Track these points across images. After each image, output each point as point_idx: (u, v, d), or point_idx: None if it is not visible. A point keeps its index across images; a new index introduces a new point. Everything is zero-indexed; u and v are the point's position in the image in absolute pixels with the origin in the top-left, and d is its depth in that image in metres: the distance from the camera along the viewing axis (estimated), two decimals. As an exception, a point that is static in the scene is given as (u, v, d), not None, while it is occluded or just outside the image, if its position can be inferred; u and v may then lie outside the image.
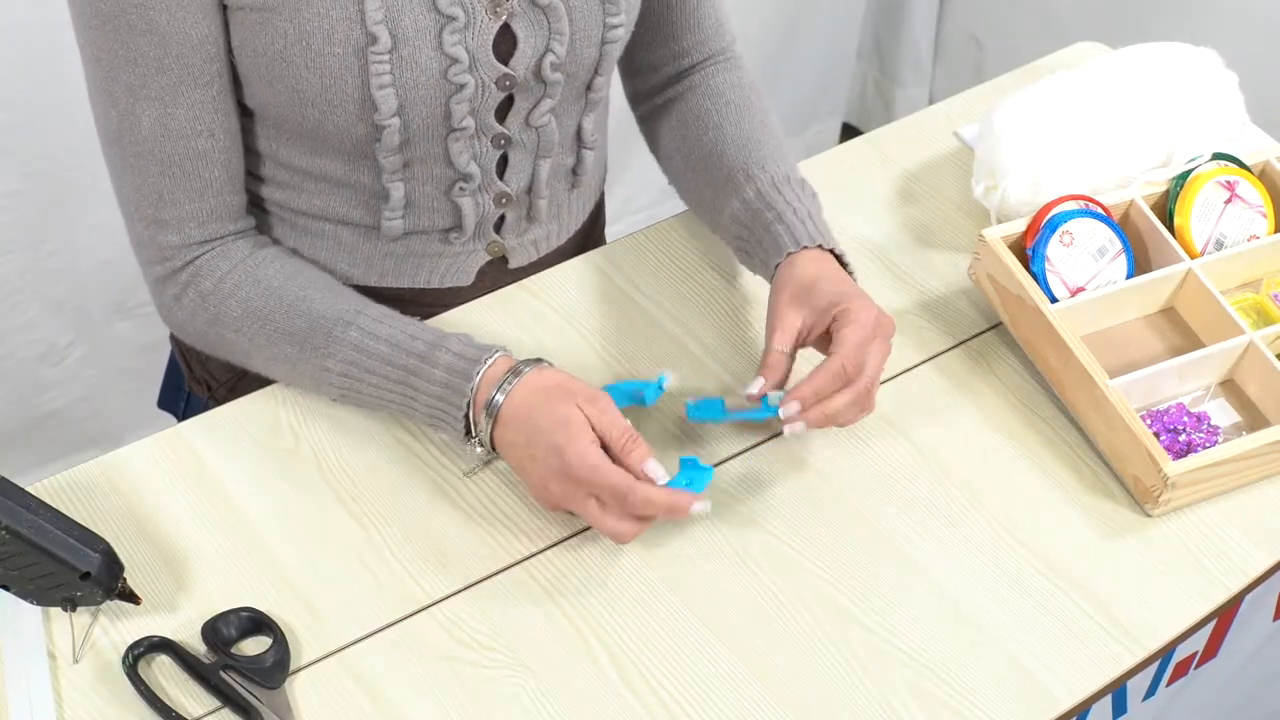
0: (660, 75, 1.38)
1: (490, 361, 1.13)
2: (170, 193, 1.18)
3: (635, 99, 1.42)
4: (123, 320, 2.07)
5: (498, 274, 1.35)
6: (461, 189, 1.25)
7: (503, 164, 1.27)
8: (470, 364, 1.13)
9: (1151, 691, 1.24)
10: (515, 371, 1.13)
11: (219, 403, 1.32)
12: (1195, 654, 1.26)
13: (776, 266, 1.22)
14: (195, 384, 1.46)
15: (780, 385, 1.18)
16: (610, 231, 1.55)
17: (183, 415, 1.50)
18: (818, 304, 1.17)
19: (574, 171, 1.34)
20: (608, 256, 1.38)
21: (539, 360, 1.15)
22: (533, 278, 1.36)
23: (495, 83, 1.19)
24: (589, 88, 1.27)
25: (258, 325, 1.19)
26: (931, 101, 2.46)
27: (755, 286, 1.35)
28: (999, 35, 2.67)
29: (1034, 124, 1.36)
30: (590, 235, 1.47)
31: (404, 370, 1.15)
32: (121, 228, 1.24)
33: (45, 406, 2.09)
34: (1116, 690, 1.15)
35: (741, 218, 1.26)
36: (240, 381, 1.38)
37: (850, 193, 1.46)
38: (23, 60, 1.76)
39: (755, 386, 1.17)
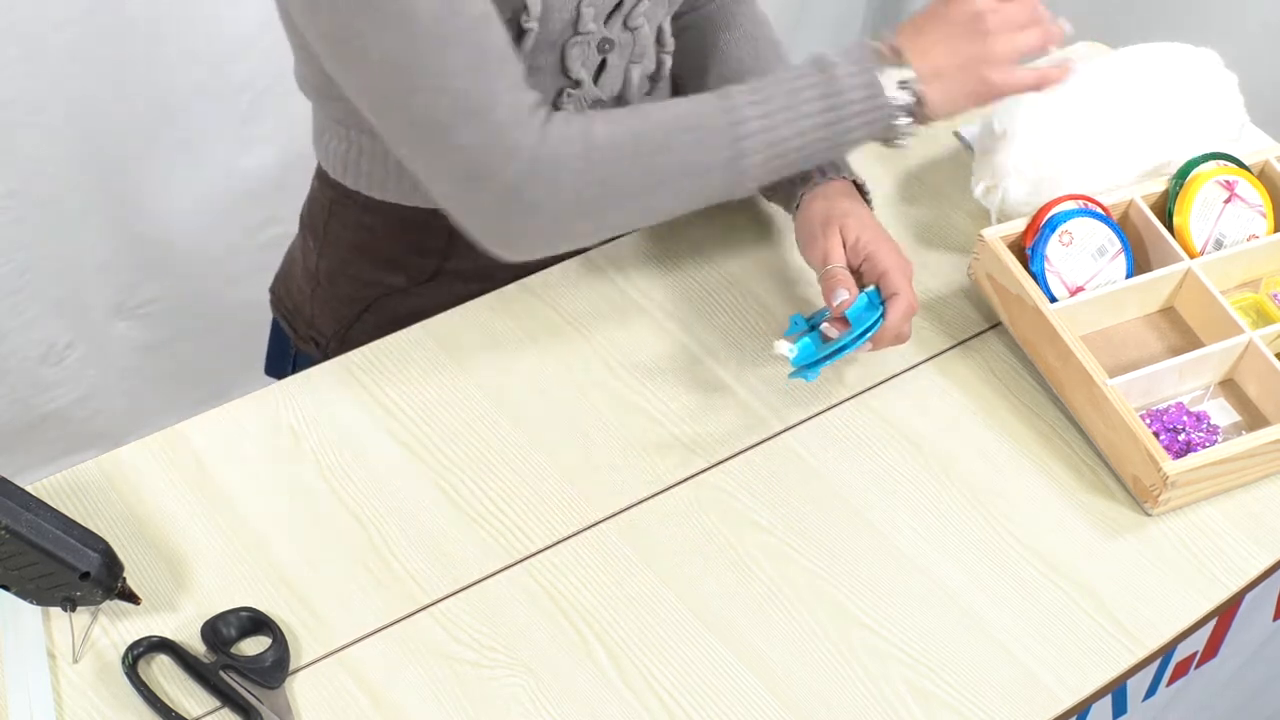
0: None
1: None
2: (504, 55, 1.12)
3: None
4: (123, 320, 2.07)
5: None
6: (569, 96, 1.26)
7: (599, 70, 1.28)
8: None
9: (1152, 691, 1.24)
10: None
11: (328, 356, 1.31)
12: (1195, 653, 1.26)
13: (802, 196, 1.26)
14: (302, 342, 1.47)
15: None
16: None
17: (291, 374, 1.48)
18: (849, 239, 1.22)
19: (652, 78, 1.35)
20: (608, 256, 1.38)
21: None
22: (533, 277, 1.36)
23: None
24: None
25: (642, 120, 1.17)
26: (931, 101, 2.45)
27: (756, 286, 1.35)
28: (999, 35, 2.66)
29: (1034, 124, 1.36)
30: None
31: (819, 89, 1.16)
32: (121, 228, 1.23)
33: (45, 406, 2.09)
34: (1116, 690, 1.15)
35: None
36: (349, 331, 1.40)
37: (850, 192, 1.45)
38: (24, 60, 1.76)
39: (839, 298, 1.19)
